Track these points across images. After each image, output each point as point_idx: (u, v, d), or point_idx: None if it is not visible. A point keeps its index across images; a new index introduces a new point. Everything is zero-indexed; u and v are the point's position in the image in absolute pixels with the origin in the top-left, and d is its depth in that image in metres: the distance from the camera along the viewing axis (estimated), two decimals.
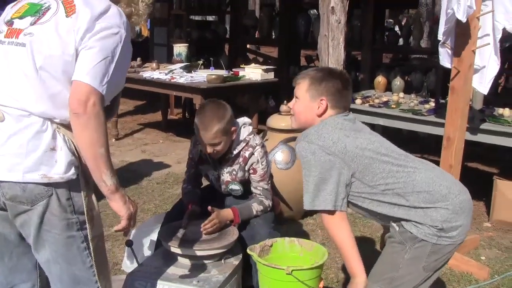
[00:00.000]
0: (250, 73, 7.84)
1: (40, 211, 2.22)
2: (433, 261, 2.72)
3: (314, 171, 2.70)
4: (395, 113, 6.13)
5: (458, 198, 2.72)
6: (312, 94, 2.90)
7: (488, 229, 5.54)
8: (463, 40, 4.36)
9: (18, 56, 2.28)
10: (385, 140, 2.92)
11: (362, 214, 2.95)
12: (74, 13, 2.28)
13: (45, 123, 2.23)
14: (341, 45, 5.37)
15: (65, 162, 2.23)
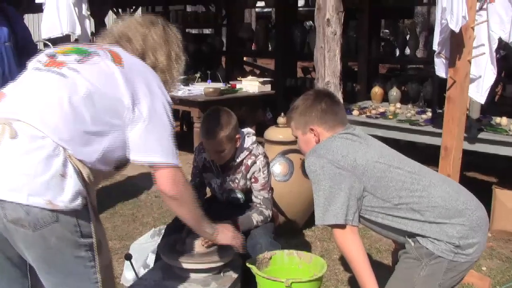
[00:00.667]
0: (247, 86, 7.85)
1: (44, 236, 2.13)
2: (449, 278, 2.69)
3: (324, 185, 2.69)
4: (392, 124, 6.15)
5: (475, 214, 2.69)
6: (302, 129, 2.96)
7: (489, 239, 5.49)
8: (459, 50, 4.37)
9: (57, 84, 2.28)
10: (397, 153, 2.90)
11: (375, 230, 2.90)
12: (122, 66, 2.35)
13: (58, 148, 2.16)
14: (337, 57, 5.37)
15: (72, 191, 2.15)
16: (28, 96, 2.30)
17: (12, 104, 2.28)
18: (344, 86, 6.08)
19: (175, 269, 3.22)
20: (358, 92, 9.36)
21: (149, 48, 2.55)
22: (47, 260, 2.21)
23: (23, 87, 2.37)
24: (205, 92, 7.27)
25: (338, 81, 5.43)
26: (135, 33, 2.57)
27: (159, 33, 2.60)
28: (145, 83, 2.37)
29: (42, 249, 2.16)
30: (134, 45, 2.54)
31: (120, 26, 2.63)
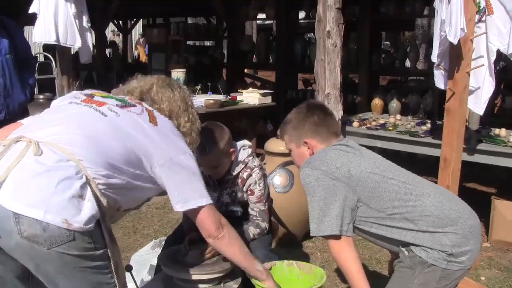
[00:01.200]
0: (248, 98, 7.87)
1: (59, 252, 2.13)
2: (443, 286, 2.71)
3: (319, 196, 2.71)
4: (392, 135, 6.18)
5: (468, 222, 2.72)
6: (295, 142, 3.01)
7: (487, 249, 5.54)
8: (457, 62, 4.39)
9: (95, 119, 2.39)
10: (391, 163, 2.93)
11: (370, 241, 2.92)
12: (156, 125, 2.50)
13: (80, 172, 2.20)
14: (338, 69, 5.41)
15: (89, 214, 2.17)
16: (59, 122, 2.38)
17: (42, 127, 2.35)
18: (344, 98, 6.12)
19: (175, 280, 3.23)
20: (358, 103, 9.39)
21: (174, 114, 2.68)
22: (64, 274, 2.21)
23: (55, 114, 2.47)
24: (206, 104, 7.29)
25: (339, 93, 5.47)
26: (160, 96, 2.70)
27: (180, 97, 2.74)
28: (174, 141, 2.52)
29: (59, 265, 2.17)
30: (161, 106, 2.66)
31: (136, 84, 2.76)
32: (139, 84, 2.75)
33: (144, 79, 2.80)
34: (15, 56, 4.99)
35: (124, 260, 4.80)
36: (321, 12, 5.36)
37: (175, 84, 2.81)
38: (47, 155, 2.20)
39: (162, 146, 2.45)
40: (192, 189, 2.51)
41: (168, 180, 2.46)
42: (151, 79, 2.79)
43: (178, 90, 2.76)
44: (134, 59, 21.22)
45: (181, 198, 2.49)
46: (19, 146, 2.23)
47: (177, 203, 2.50)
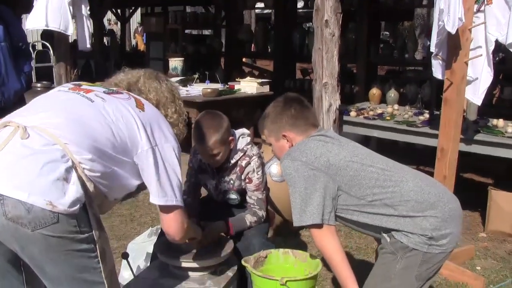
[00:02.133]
0: (245, 87, 7.87)
1: (44, 235, 2.13)
2: (425, 270, 2.73)
3: (299, 187, 2.72)
4: (389, 125, 6.18)
5: (447, 206, 2.74)
6: (275, 135, 3.02)
7: (484, 239, 5.56)
8: (455, 52, 4.39)
9: (82, 105, 2.40)
10: (370, 151, 2.95)
11: (353, 228, 2.94)
12: (143, 111, 2.51)
13: (66, 156, 2.21)
14: (335, 58, 5.40)
15: (73, 197, 2.17)
16: (47, 108, 2.39)
17: (32, 113, 2.36)
18: (342, 88, 6.11)
19: (171, 268, 3.24)
20: (356, 93, 9.39)
21: (161, 104, 2.71)
22: (49, 257, 2.20)
23: (44, 101, 2.48)
24: (203, 93, 7.29)
25: (336, 82, 5.47)
26: (147, 86, 2.72)
27: (167, 88, 2.77)
28: (161, 129, 2.52)
29: (43, 248, 2.17)
30: (148, 96, 2.69)
31: (124, 76, 2.78)
32: (126, 76, 2.77)
33: (131, 72, 2.82)
34: (10, 44, 4.97)
35: (121, 248, 4.83)
36: (319, 2, 5.36)
37: (162, 77, 2.83)
38: (33, 138, 2.21)
39: (148, 131, 2.45)
40: (168, 184, 2.50)
41: (148, 167, 2.45)
42: (138, 72, 2.81)
43: (165, 82, 2.79)
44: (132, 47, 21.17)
45: (154, 190, 2.47)
46: (6, 131, 2.24)
47: (151, 193, 2.49)
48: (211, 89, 7.39)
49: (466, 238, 5.50)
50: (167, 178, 2.49)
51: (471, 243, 5.38)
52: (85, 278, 2.29)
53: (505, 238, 5.54)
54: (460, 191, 4.11)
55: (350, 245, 5.24)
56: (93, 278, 2.31)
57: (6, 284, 2.47)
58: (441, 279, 4.51)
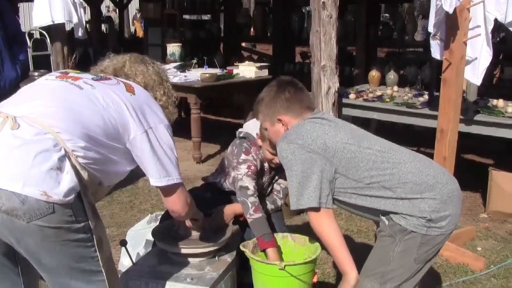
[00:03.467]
0: (244, 71, 7.84)
1: (40, 226, 2.11)
2: (424, 252, 2.71)
3: (296, 170, 2.69)
4: (388, 107, 6.15)
5: (446, 187, 2.71)
6: (270, 120, 2.99)
7: (484, 220, 5.55)
8: (454, 32, 4.36)
9: (71, 92, 2.39)
10: (368, 133, 2.92)
11: (351, 211, 2.92)
12: (134, 94, 2.50)
13: (58, 145, 2.19)
14: (333, 40, 5.37)
15: (68, 186, 2.15)
16: (36, 97, 2.36)
17: (20, 103, 2.33)
18: (342, 70, 6.09)
19: (170, 254, 3.23)
20: (356, 76, 9.35)
21: (149, 87, 2.69)
22: (46, 248, 2.18)
23: (32, 90, 2.46)
24: (202, 78, 7.26)
25: (334, 64, 5.44)
26: (133, 70, 2.71)
27: (154, 71, 2.76)
28: (153, 110, 2.51)
29: (39, 239, 2.15)
30: (135, 80, 2.67)
31: (110, 63, 2.77)
32: (112, 62, 2.76)
33: (116, 57, 2.80)
34: (5, 33, 4.94)
35: (121, 235, 4.82)
36: None
37: (149, 60, 2.81)
38: (24, 128, 2.18)
39: (140, 115, 2.43)
40: (166, 164, 2.49)
41: (145, 151, 2.44)
42: (124, 56, 2.79)
43: (151, 65, 2.78)
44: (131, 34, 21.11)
45: (155, 173, 2.47)
46: None
47: (151, 176, 2.49)
48: (210, 74, 7.36)
49: (467, 219, 5.50)
50: (167, 158, 2.49)
51: (472, 224, 5.38)
52: (83, 267, 2.28)
53: (506, 219, 5.54)
54: (461, 172, 4.10)
55: (351, 228, 5.23)
56: (90, 267, 2.30)
57: (2, 277, 2.46)
58: (441, 260, 4.51)
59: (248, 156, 3.47)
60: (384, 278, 2.73)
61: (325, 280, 4.22)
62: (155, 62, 2.85)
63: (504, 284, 4.25)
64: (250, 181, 3.39)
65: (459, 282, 4.26)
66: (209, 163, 7.58)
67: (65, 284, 2.30)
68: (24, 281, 2.50)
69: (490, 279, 4.32)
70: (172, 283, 2.99)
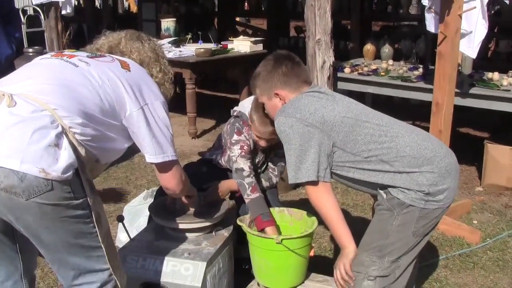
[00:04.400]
0: (238, 46, 7.82)
1: (39, 203, 2.12)
2: (422, 226, 2.72)
3: (294, 143, 2.69)
4: (383, 81, 6.15)
5: (444, 161, 2.71)
6: (267, 94, 2.97)
7: (480, 193, 5.57)
8: (449, 5, 4.33)
9: (66, 69, 2.39)
10: (365, 107, 2.91)
11: (349, 185, 2.92)
12: (129, 70, 2.51)
13: (56, 122, 2.18)
14: (328, 14, 5.34)
15: (66, 163, 2.15)
16: (32, 75, 2.36)
17: (16, 81, 2.33)
18: (337, 44, 6.06)
19: (167, 230, 3.24)
20: (351, 50, 9.33)
21: (145, 64, 2.69)
22: (45, 225, 2.19)
23: (27, 69, 2.45)
24: (196, 53, 7.24)
25: (329, 38, 5.41)
26: (128, 47, 2.70)
27: (150, 48, 2.75)
28: (149, 87, 2.52)
29: (38, 216, 2.15)
30: (131, 57, 2.67)
31: (105, 41, 2.76)
32: (107, 40, 2.75)
33: (111, 34, 2.79)
34: None
35: (117, 211, 4.84)
36: None
37: (145, 37, 2.81)
38: (21, 106, 2.17)
39: (136, 92, 2.44)
40: (162, 141, 2.50)
41: (141, 127, 2.44)
42: (119, 34, 2.78)
43: (147, 42, 2.77)
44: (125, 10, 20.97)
45: (150, 149, 2.48)
46: None
47: (147, 153, 2.49)
48: (204, 49, 7.33)
49: (463, 193, 5.52)
50: (162, 135, 2.50)
51: (468, 197, 5.40)
52: (82, 243, 2.29)
53: (501, 192, 5.56)
54: (456, 145, 4.10)
55: (347, 202, 5.25)
56: (90, 243, 2.31)
57: (0, 255, 2.47)
58: (437, 233, 4.53)
59: (240, 137, 3.46)
60: (383, 251, 2.73)
61: (321, 254, 4.24)
62: (151, 38, 2.84)
63: (499, 256, 4.28)
64: (244, 162, 3.39)
65: (455, 255, 4.29)
66: (205, 138, 7.59)
67: (64, 260, 2.31)
68: (22, 258, 2.52)
69: (486, 252, 4.35)
70: (169, 258, 3.00)
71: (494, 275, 4.04)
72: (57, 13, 7.48)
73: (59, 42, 7.75)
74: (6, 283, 2.51)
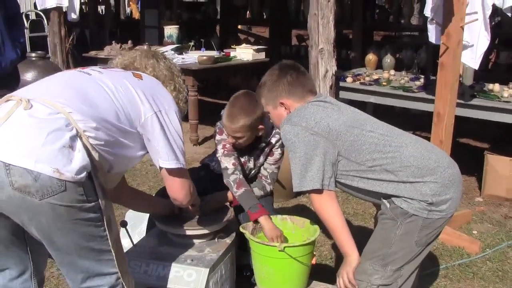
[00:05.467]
0: (241, 54, 7.85)
1: (52, 204, 2.14)
2: (425, 235, 2.74)
3: (299, 152, 2.72)
4: (385, 90, 6.18)
5: (447, 171, 2.74)
6: (272, 103, 2.99)
7: (480, 204, 5.60)
8: (451, 17, 4.37)
9: (81, 78, 2.45)
10: (370, 116, 2.94)
11: (352, 194, 2.93)
12: (141, 79, 2.57)
13: (70, 125, 2.22)
14: (331, 23, 5.37)
15: (79, 164, 2.18)
16: (47, 84, 2.42)
17: (31, 89, 2.39)
18: (338, 54, 6.09)
19: (170, 236, 3.26)
20: (352, 59, 9.36)
21: (160, 81, 2.71)
22: (57, 226, 2.21)
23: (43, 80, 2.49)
24: (199, 60, 7.26)
25: (332, 48, 5.44)
26: (144, 64, 2.74)
27: (165, 66, 2.78)
28: (162, 95, 2.57)
29: (51, 217, 2.17)
30: (145, 72, 2.70)
31: (120, 60, 2.79)
32: (122, 59, 2.79)
33: (127, 53, 2.84)
34: (4, 14, 4.94)
35: (119, 216, 4.83)
36: None
37: (160, 55, 2.84)
38: (37, 108, 2.21)
39: (149, 98, 2.48)
40: (177, 147, 2.54)
41: (155, 132, 2.48)
42: (135, 52, 2.83)
43: (163, 60, 2.80)
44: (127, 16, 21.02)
45: (164, 154, 2.52)
46: (9, 104, 2.24)
47: (161, 157, 2.54)
48: (207, 56, 7.36)
49: (463, 203, 5.53)
50: (174, 142, 2.53)
51: (468, 208, 5.42)
52: (93, 246, 2.31)
53: (501, 202, 5.59)
54: (457, 155, 4.12)
55: (347, 210, 5.27)
56: (100, 246, 2.33)
57: (10, 254, 2.49)
58: (438, 243, 4.55)
59: (222, 136, 3.52)
60: (386, 260, 2.75)
61: (322, 262, 4.26)
62: (167, 57, 2.87)
63: (499, 267, 4.30)
64: (228, 160, 3.45)
65: (455, 265, 4.30)
66: (206, 145, 7.61)
67: (74, 263, 2.34)
68: (32, 258, 2.54)
69: (485, 262, 4.37)
70: (172, 264, 3.02)
71: (494, 285, 4.06)
72: (61, 18, 7.52)
73: (62, 47, 7.79)
74: (15, 280, 2.54)
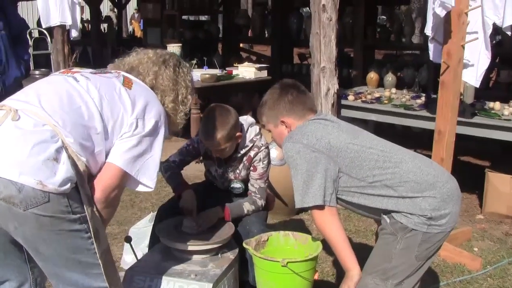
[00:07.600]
0: (243, 72, 7.91)
1: (36, 214, 2.17)
2: (425, 249, 2.77)
3: (301, 169, 2.76)
4: (387, 109, 6.22)
5: (446, 186, 2.78)
6: (273, 122, 3.06)
7: (481, 221, 5.62)
8: (451, 35, 4.42)
9: (68, 84, 2.44)
10: (369, 133, 3.00)
11: (354, 211, 2.98)
12: (130, 89, 2.52)
13: (56, 136, 2.25)
14: (333, 42, 5.43)
15: (63, 176, 2.21)
16: (36, 92, 2.42)
17: (20, 98, 2.40)
18: (340, 72, 6.14)
19: (173, 251, 3.29)
20: (354, 77, 9.41)
21: (159, 90, 2.69)
22: (42, 237, 2.24)
23: (33, 86, 2.50)
24: (202, 78, 7.32)
25: (334, 66, 5.50)
26: (147, 70, 2.71)
27: (170, 75, 2.73)
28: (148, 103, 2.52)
29: (35, 227, 2.21)
30: (145, 79, 2.68)
31: (131, 58, 2.78)
32: (134, 58, 2.78)
33: (142, 51, 2.83)
34: (9, 33, 5.00)
35: (122, 233, 4.88)
36: None
37: (171, 63, 2.77)
38: (24, 120, 2.25)
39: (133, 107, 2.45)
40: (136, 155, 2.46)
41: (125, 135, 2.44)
42: (146, 53, 2.79)
43: (171, 69, 2.74)
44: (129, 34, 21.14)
45: (120, 153, 2.43)
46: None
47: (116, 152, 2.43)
48: (210, 74, 7.42)
49: (464, 220, 5.56)
50: (142, 152, 2.47)
51: (469, 225, 5.44)
52: (79, 259, 2.33)
53: (502, 220, 5.61)
54: (458, 173, 4.15)
55: (349, 228, 5.29)
56: (87, 259, 2.35)
57: (8, 262, 2.53)
58: (439, 260, 4.57)
59: (195, 137, 3.73)
60: (386, 274, 2.79)
61: (324, 279, 4.28)
62: (181, 66, 2.82)
63: (500, 284, 4.31)
64: (177, 155, 3.78)
65: (456, 281, 4.32)
66: None
67: (61, 275, 2.36)
68: (31, 268, 2.57)
69: (486, 279, 4.38)
70: (176, 279, 3.05)
71: None
72: (64, 36, 7.57)
73: (65, 65, 7.84)
74: None
